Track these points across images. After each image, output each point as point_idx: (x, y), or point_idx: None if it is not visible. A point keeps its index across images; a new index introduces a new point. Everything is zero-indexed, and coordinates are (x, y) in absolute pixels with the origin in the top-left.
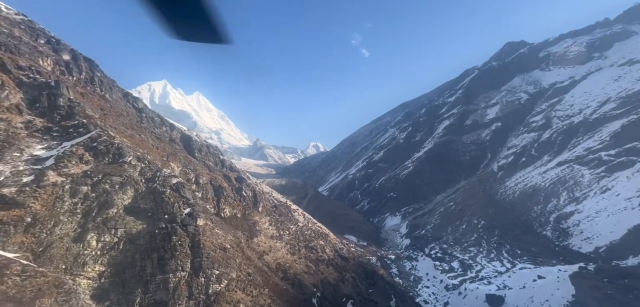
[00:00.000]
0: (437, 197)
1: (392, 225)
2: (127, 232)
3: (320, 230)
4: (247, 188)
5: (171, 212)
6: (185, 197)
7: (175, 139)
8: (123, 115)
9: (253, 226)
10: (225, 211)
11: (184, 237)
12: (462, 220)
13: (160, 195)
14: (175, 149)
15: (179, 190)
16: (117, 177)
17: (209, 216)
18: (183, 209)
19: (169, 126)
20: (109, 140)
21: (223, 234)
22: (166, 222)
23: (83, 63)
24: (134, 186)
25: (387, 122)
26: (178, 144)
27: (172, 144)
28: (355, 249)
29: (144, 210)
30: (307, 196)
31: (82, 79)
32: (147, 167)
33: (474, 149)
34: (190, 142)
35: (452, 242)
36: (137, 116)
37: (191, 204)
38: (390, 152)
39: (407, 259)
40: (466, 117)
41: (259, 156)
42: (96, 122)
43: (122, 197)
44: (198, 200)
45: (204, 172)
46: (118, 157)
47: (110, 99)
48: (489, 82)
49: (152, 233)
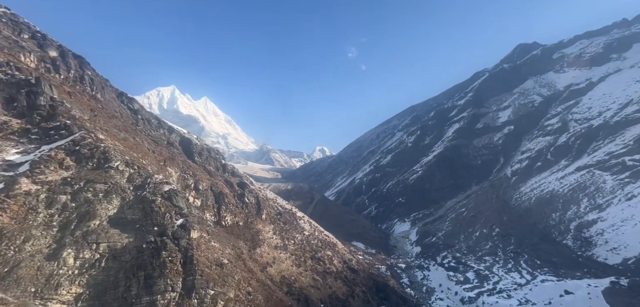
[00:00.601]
0: (447, 202)
1: (401, 231)
2: (111, 247)
3: (328, 239)
4: (249, 194)
5: (161, 224)
6: (178, 206)
7: (173, 143)
8: (116, 116)
9: (256, 235)
10: (226, 218)
11: (175, 252)
12: (475, 227)
13: (150, 204)
14: (174, 153)
15: (172, 198)
16: (102, 185)
17: (204, 227)
18: (175, 220)
19: (167, 129)
20: (94, 143)
21: (220, 247)
22: (156, 235)
23: (72, 60)
24: (121, 194)
25: (395, 125)
26: (177, 147)
27: (170, 147)
28: (364, 257)
29: (131, 221)
30: (313, 201)
31: (71, 78)
32: (136, 173)
33: (485, 153)
34: (189, 145)
35: (465, 250)
36: (132, 118)
37: (185, 214)
38: (398, 156)
39: (418, 268)
40: (477, 121)
41: (265, 160)
42: (82, 124)
43: (107, 207)
44: (193, 209)
45: (204, 178)
46: (104, 162)
47: (101, 99)
48: (500, 84)
49: (139, 248)
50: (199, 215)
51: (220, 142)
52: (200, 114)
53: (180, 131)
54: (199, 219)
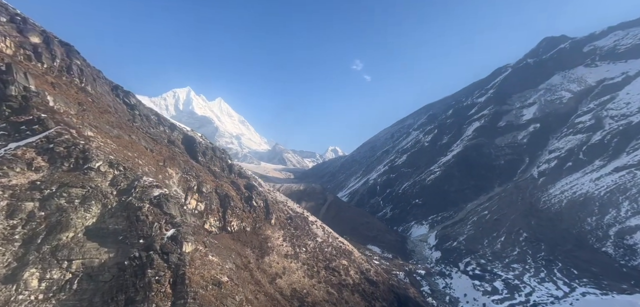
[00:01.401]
0: (468, 205)
1: (419, 235)
2: (86, 265)
3: (343, 246)
4: (258, 197)
5: (148, 235)
6: (170, 214)
7: (174, 141)
8: (109, 112)
9: (264, 242)
10: (232, 224)
11: (163, 270)
12: (499, 231)
13: (136, 212)
14: (174, 152)
15: (162, 205)
16: (79, 189)
17: (200, 238)
18: (165, 231)
19: (169, 126)
20: (72, 140)
21: (219, 261)
22: (141, 249)
23: (58, 48)
24: (102, 200)
25: (410, 124)
26: (178, 146)
27: (171, 146)
28: (380, 262)
29: (112, 233)
30: (326, 202)
31: (56, 67)
32: (121, 175)
33: (509, 153)
34: (193, 144)
35: (490, 256)
36: (128, 114)
37: (176, 224)
38: (414, 156)
39: (439, 275)
40: (499, 119)
41: (278, 160)
42: (65, 119)
43: (83, 216)
44: (188, 217)
45: (208, 179)
46: (83, 163)
47: (92, 92)
48: (524, 80)
49: (120, 265)
50: (195, 224)
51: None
52: (215, 115)
53: (182, 129)
54: (194, 229)
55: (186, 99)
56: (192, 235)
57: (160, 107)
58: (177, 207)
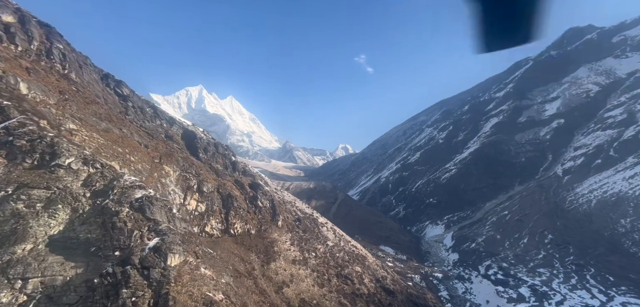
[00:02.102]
0: (486, 204)
1: (434, 235)
2: (46, 284)
3: (356, 250)
4: (263, 197)
5: (126, 246)
6: (154, 219)
7: (173, 136)
8: (97, 102)
9: (270, 247)
10: (235, 226)
11: (142, 289)
12: (522, 233)
13: (112, 218)
14: (172, 148)
15: (144, 208)
16: (42, 191)
17: (191, 248)
18: (147, 240)
19: (168, 120)
20: (38, 132)
21: (214, 275)
22: (115, 264)
23: (35, 29)
24: (71, 204)
25: (423, 121)
26: (177, 142)
27: (169, 142)
28: (394, 264)
29: (83, 243)
30: (336, 201)
31: (33, 51)
32: (98, 174)
33: (530, 150)
34: (193, 140)
35: (512, 259)
36: (120, 105)
37: (161, 232)
38: (428, 154)
39: (458, 279)
40: (519, 114)
41: (289, 158)
42: (35, 108)
43: (47, 224)
44: (176, 222)
45: (209, 178)
46: (50, 159)
47: (77, 80)
48: (546, 73)
49: (89, 284)
50: (186, 230)
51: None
52: (226, 113)
53: (182, 123)
54: (185, 237)
55: (198, 97)
56: (180, 244)
57: (173, 106)
58: (163, 212)
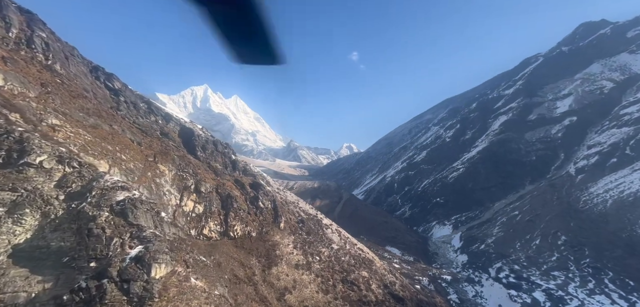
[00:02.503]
0: (495, 204)
1: (441, 236)
2: (6, 303)
3: (362, 254)
4: (265, 197)
5: (104, 256)
6: (137, 224)
7: (168, 133)
8: (85, 97)
9: (272, 250)
10: (235, 228)
11: (120, 305)
12: (533, 234)
13: (88, 224)
14: (168, 146)
15: (126, 212)
16: (7, 193)
17: (181, 256)
18: (129, 249)
19: (163, 116)
20: (6, 126)
21: (206, 286)
22: (90, 277)
23: (15, 15)
24: (42, 209)
25: (429, 119)
26: (173, 139)
27: (164, 139)
28: (401, 265)
29: (54, 253)
30: (341, 200)
31: (11, 39)
32: (75, 174)
33: (541, 148)
34: (191, 137)
35: (524, 262)
36: (111, 100)
37: (145, 239)
38: (434, 152)
39: (467, 282)
40: (529, 112)
41: (293, 157)
42: (9, 101)
43: (11, 231)
44: (165, 227)
45: (207, 177)
46: (18, 157)
47: (62, 72)
48: (557, 70)
49: (58, 301)
50: (176, 236)
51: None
52: (231, 112)
53: (180, 120)
54: (174, 243)
55: (203, 96)
56: (167, 252)
57: (179, 105)
58: (149, 216)
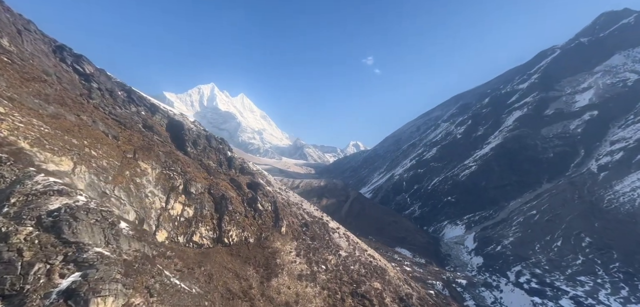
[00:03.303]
0: (510, 203)
1: (454, 236)
2: None
3: (374, 262)
4: (264, 198)
5: (17, 291)
6: (77, 242)
7: (153, 127)
8: (43, 80)
9: (272, 258)
10: (230, 234)
11: None
12: (554, 235)
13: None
14: (152, 141)
15: (61, 227)
16: None
17: (142, 281)
18: (59, 279)
19: (148, 107)
20: None
21: None
22: None
23: None
24: None
25: (438, 116)
26: (159, 133)
27: (148, 133)
28: (412, 268)
29: None
30: (348, 199)
31: None
32: None
33: (559, 145)
34: (180, 131)
35: (546, 265)
36: (80, 86)
37: (86, 263)
38: (445, 150)
39: (484, 287)
40: (545, 106)
41: (299, 155)
42: None
43: None
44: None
45: (199, 176)
46: None
47: (12, 50)
48: (576, 62)
49: None
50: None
51: (255, 138)
52: (238, 111)
53: (167, 111)
54: (131, 266)
55: (210, 95)
56: (120, 279)
57: (186, 104)
58: (98, 229)
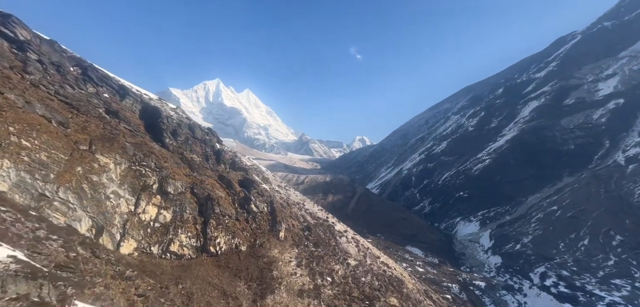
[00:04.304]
0: (529, 198)
1: (467, 234)
2: None
3: (387, 271)
4: (259, 198)
5: None
6: None
7: (119, 112)
8: None
9: (267, 270)
10: (218, 241)
11: None
12: (580, 232)
13: None
14: (116, 129)
15: None
16: None
17: None
18: None
19: (115, 89)
20: None
21: None
22: None
23: None
24: None
25: (447, 109)
26: (128, 121)
27: (112, 120)
28: (425, 268)
29: None
30: (355, 195)
31: None
32: None
33: (580, 136)
34: (157, 119)
35: (574, 266)
36: (11, 57)
37: None
38: (456, 143)
39: (505, 290)
40: (565, 95)
41: (305, 151)
42: None
43: None
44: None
45: (179, 172)
46: None
47: None
48: (599, 48)
49: None
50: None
51: (261, 133)
52: (243, 106)
53: (141, 95)
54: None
55: (216, 90)
56: None
57: (192, 99)
58: None
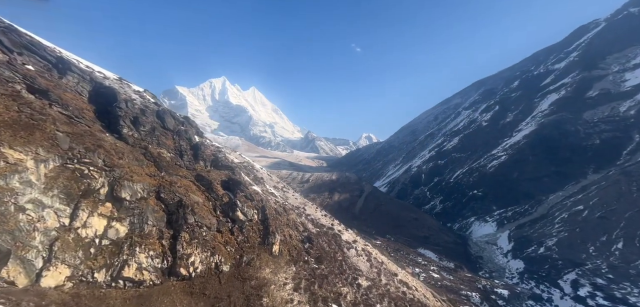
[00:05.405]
0: (550, 197)
1: (484, 235)
2: None
3: (408, 293)
4: (247, 203)
5: None
6: None
7: (49, 91)
8: None
9: (256, 296)
10: (191, 261)
11: None
12: (611, 234)
13: None
14: (43, 114)
15: None
16: None
17: None
18: None
19: (51, 63)
20: None
21: None
22: None
23: None
24: None
25: (458, 104)
26: (65, 104)
27: (37, 101)
28: (440, 274)
29: None
30: (362, 194)
31: None
32: None
33: (606, 130)
34: (112, 103)
35: (608, 272)
36: None
37: None
38: (468, 139)
39: (532, 300)
40: (588, 87)
41: (311, 148)
42: None
43: None
44: None
45: (140, 172)
46: None
47: None
48: (624, 36)
49: None
50: None
51: (267, 131)
52: (249, 104)
53: (91, 72)
54: None
55: (222, 88)
56: None
57: (198, 97)
58: None
